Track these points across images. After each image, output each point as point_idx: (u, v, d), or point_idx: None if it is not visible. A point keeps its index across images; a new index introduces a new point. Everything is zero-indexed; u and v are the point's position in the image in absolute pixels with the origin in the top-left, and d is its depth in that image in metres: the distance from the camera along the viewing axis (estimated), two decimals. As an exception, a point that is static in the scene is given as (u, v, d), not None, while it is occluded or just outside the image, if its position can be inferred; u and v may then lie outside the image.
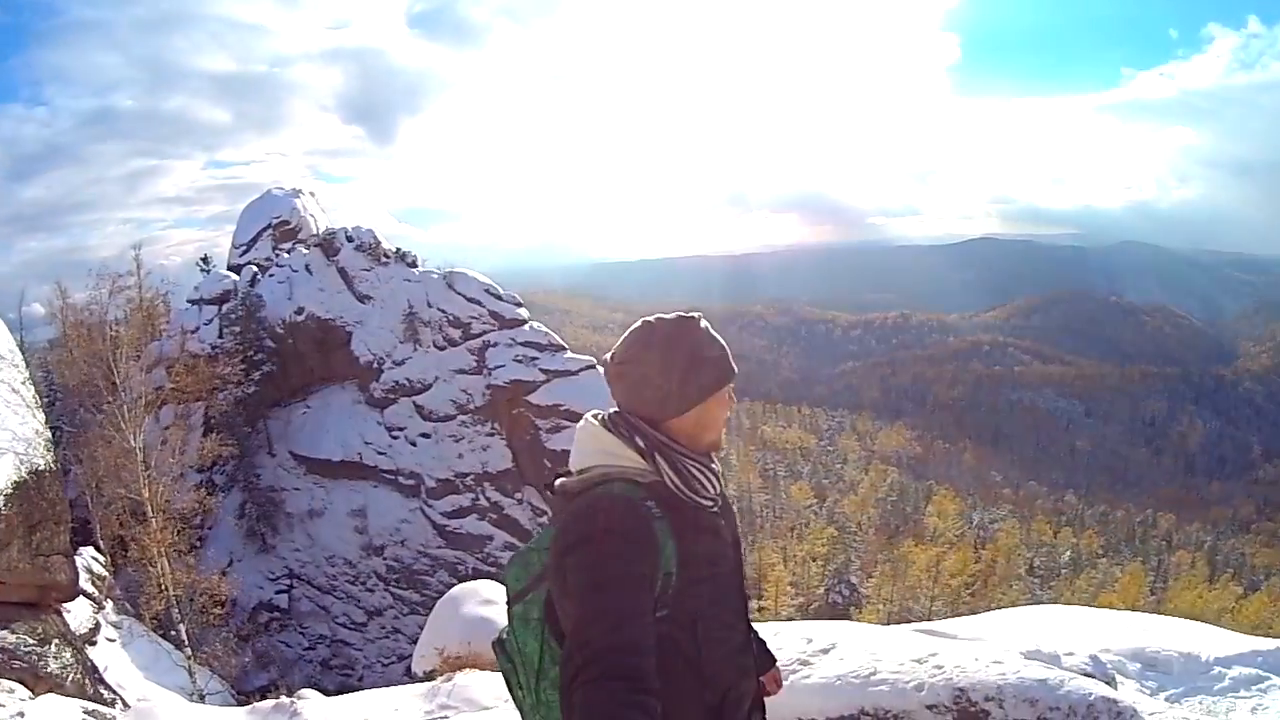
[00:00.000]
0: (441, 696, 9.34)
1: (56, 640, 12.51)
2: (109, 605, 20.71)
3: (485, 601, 12.16)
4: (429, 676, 11.57)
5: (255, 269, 60.39)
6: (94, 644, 17.43)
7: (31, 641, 11.45)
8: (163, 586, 20.55)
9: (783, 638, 7.40)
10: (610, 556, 2.24)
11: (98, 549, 24.01)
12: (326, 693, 14.45)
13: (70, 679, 12.41)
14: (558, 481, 2.59)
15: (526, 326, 57.26)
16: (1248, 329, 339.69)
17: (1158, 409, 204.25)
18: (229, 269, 62.48)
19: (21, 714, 8.27)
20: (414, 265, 59.82)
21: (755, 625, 2.96)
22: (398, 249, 60.48)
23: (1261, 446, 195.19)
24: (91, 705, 9.54)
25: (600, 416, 2.61)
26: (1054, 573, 77.40)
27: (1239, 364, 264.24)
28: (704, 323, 2.66)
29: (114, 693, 14.86)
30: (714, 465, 2.62)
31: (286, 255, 61.01)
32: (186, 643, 20.63)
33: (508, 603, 2.62)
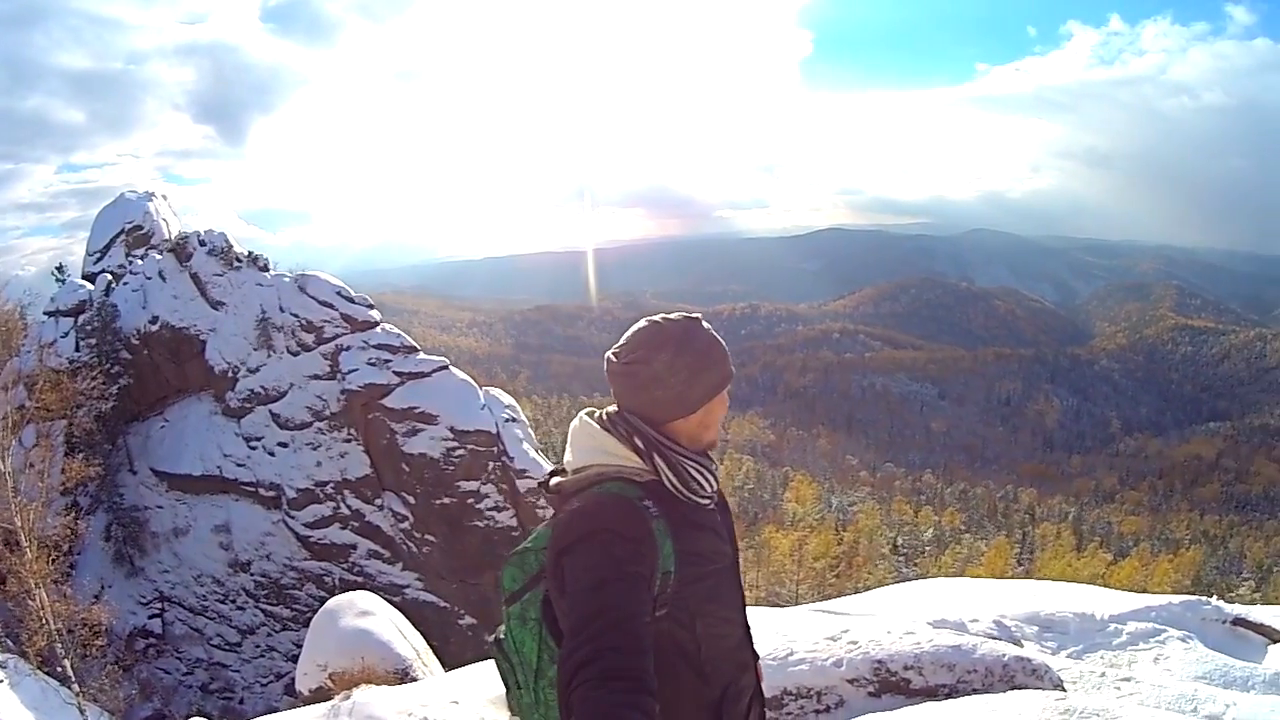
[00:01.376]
0: (343, 716, 9.29)
1: (-50, 688, 12.85)
2: (-8, 645, 20.53)
3: (362, 613, 12.78)
4: (316, 694, 12.07)
5: (110, 277, 58.83)
6: (-18, 687, 17.41)
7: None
8: (43, 620, 19.91)
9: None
10: (608, 556, 2.33)
11: (-26, 585, 23.78)
12: (214, 720, 14.88)
13: (-34, 727, 12.85)
14: (553, 481, 2.71)
15: (379, 329, 56.63)
16: (1102, 310, 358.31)
17: (1012, 389, 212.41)
18: (84, 278, 60.81)
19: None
20: (265, 269, 58.46)
21: None
22: (250, 252, 58.99)
23: (1120, 421, 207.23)
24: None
25: (596, 415, 2.73)
26: (918, 551, 79.71)
27: (1094, 343, 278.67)
28: (705, 323, 2.76)
29: (10, 737, 15.13)
30: (712, 464, 2.75)
31: (140, 262, 59.38)
32: (73, 678, 20.07)
33: (504, 603, 2.69)
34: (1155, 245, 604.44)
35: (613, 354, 2.70)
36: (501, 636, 2.69)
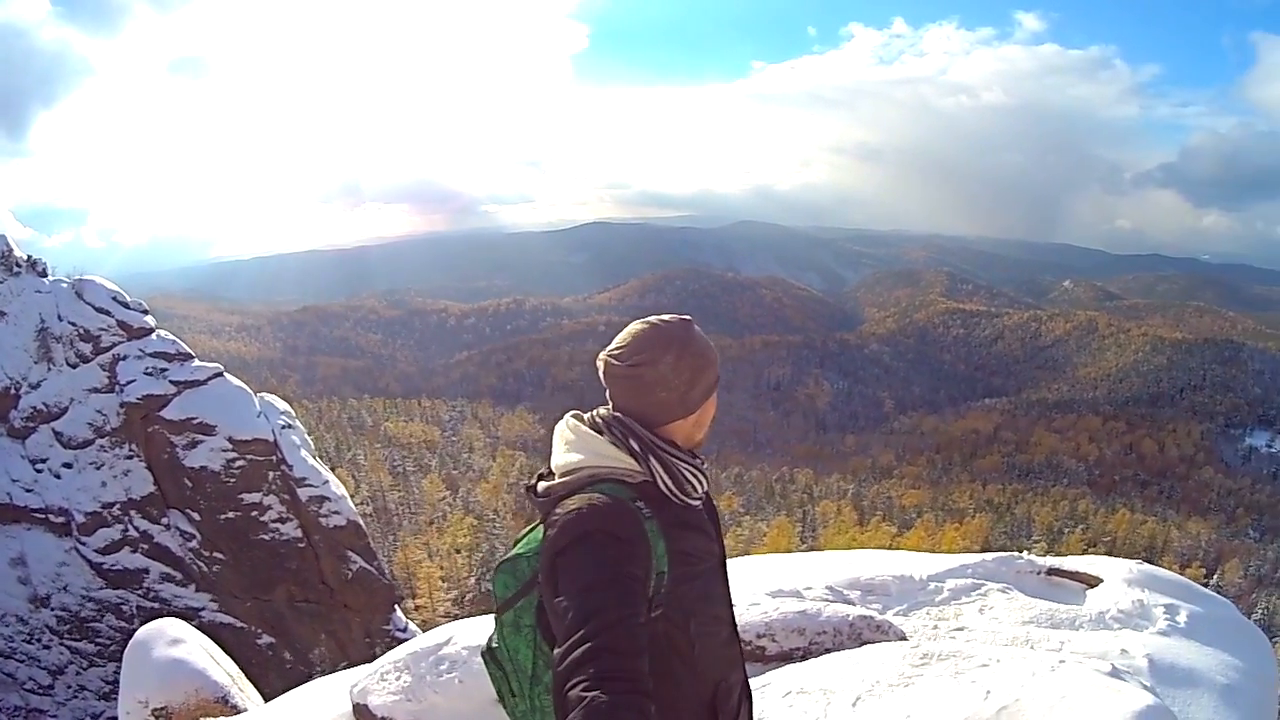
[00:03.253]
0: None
1: None
2: None
3: (173, 642, 12.40)
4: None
5: (-107, 290, 55.04)
6: None
7: None
8: None
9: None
10: (603, 558, 2.37)
11: None
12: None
13: None
14: (540, 485, 2.72)
15: (154, 335, 54.85)
16: (871, 297, 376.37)
17: (782, 374, 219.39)
18: (-128, 294, 56.86)
19: None
20: (44, 274, 56.26)
21: None
22: (29, 257, 56.70)
23: (893, 401, 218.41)
24: None
25: (586, 417, 2.81)
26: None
27: (864, 328, 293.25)
28: (695, 324, 2.83)
29: None
30: (702, 464, 2.79)
31: (-74, 270, 55.82)
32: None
33: (496, 610, 2.77)
34: (926, 234, 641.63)
35: (613, 357, 2.76)
36: (494, 644, 2.76)
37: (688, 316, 2.79)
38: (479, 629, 7.89)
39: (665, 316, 2.78)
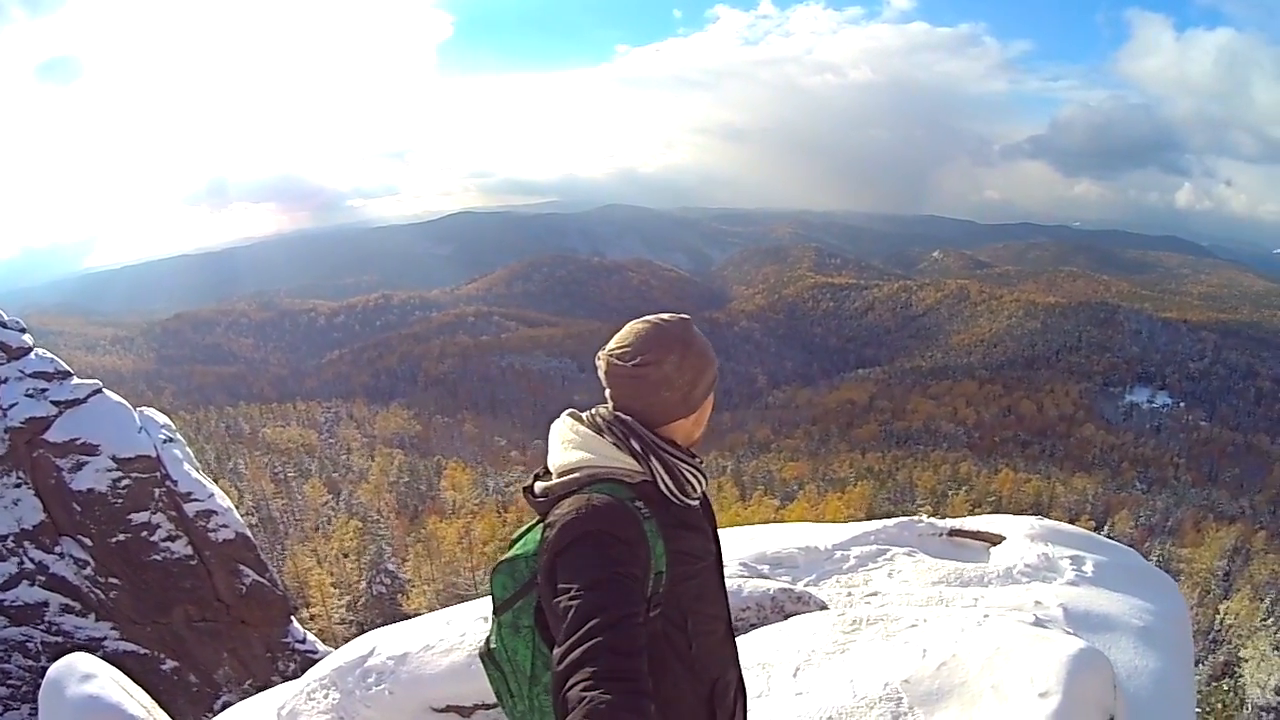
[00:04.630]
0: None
1: None
2: None
3: (85, 678, 12.15)
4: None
5: None
6: None
7: None
8: None
9: (464, 620, 8.25)
10: (602, 558, 2.39)
11: None
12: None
13: None
14: (538, 485, 2.73)
15: (32, 355, 53.63)
16: (739, 275, 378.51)
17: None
18: None
19: None
20: (-77, 298, 55.24)
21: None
22: None
23: (766, 376, 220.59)
24: None
25: (584, 417, 2.79)
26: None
27: (733, 306, 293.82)
28: (693, 322, 2.86)
29: None
30: (701, 463, 2.83)
31: None
32: None
33: (494, 611, 2.77)
34: (793, 211, 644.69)
35: (615, 357, 2.75)
36: (493, 645, 2.77)
37: (686, 315, 2.83)
38: (400, 638, 8.08)
39: (665, 316, 2.80)
